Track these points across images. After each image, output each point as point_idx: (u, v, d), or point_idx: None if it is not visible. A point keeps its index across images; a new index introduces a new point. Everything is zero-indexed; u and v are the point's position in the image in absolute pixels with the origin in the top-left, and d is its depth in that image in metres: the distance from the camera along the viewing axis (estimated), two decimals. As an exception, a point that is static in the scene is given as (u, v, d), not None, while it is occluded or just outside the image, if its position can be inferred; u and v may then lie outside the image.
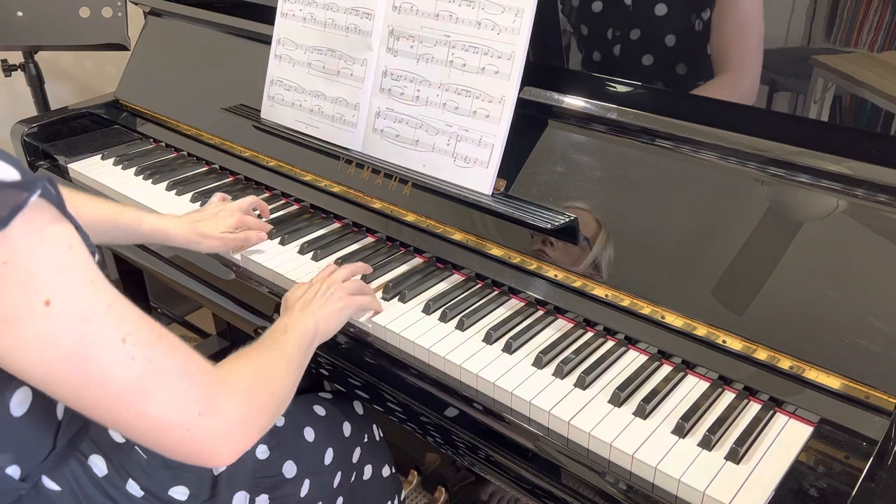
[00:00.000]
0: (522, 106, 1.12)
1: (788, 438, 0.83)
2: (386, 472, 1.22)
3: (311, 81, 1.36)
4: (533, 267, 1.09)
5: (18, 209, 0.58)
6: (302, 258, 1.21)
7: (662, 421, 0.86)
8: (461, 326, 1.03)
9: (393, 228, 1.25)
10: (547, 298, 1.06)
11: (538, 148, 1.14)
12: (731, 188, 0.98)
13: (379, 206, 1.26)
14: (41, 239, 0.60)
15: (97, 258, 0.67)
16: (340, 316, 1.01)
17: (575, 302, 1.05)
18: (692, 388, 0.92)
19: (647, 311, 0.98)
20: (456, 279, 1.15)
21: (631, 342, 1.00)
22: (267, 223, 1.27)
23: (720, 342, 0.92)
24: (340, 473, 1.09)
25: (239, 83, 1.56)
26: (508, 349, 0.98)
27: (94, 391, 0.64)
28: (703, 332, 0.94)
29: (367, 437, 1.18)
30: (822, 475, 0.77)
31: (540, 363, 0.95)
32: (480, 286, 1.12)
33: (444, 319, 1.04)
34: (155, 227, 1.14)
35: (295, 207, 1.38)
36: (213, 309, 1.43)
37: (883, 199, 0.88)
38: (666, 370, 0.95)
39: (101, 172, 1.54)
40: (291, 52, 1.39)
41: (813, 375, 0.86)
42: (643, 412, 0.87)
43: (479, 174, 1.15)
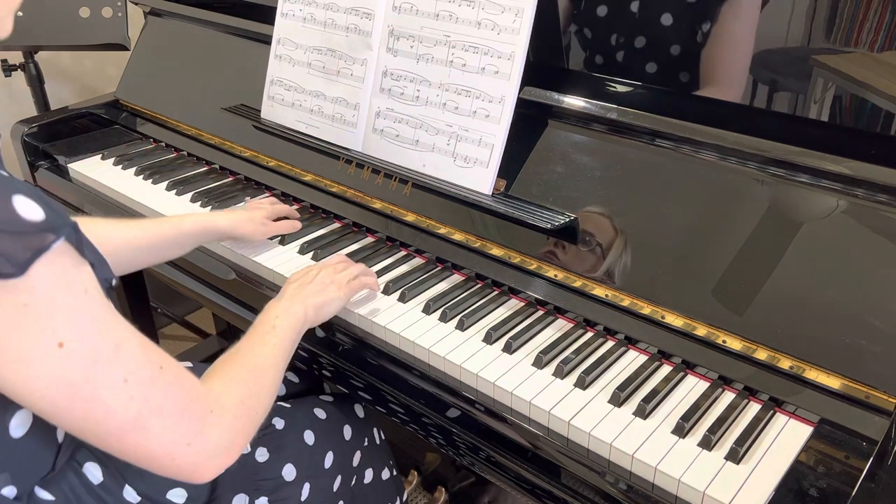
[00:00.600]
0: (522, 106, 1.12)
1: (788, 438, 0.83)
2: (386, 475, 1.22)
3: (311, 81, 1.36)
4: (533, 267, 1.09)
5: (41, 252, 0.59)
6: (302, 258, 1.21)
7: (662, 421, 0.86)
8: (461, 326, 1.03)
9: (393, 228, 1.25)
10: (547, 298, 1.06)
11: (538, 148, 1.14)
12: (731, 188, 0.98)
13: (379, 206, 1.26)
14: (61, 283, 0.62)
15: (115, 283, 0.70)
16: (333, 306, 1.03)
17: (575, 302, 1.05)
18: (692, 388, 0.92)
19: (647, 311, 0.98)
20: (456, 279, 1.15)
21: (631, 342, 1.00)
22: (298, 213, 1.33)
23: (720, 342, 0.92)
24: (340, 477, 1.09)
25: (239, 83, 1.56)
26: (508, 349, 0.98)
27: (92, 425, 0.67)
28: (703, 332, 0.94)
29: (367, 440, 1.18)
30: (822, 475, 0.77)
31: (540, 363, 0.95)
32: (480, 286, 1.12)
33: (444, 319, 1.04)
34: (198, 221, 1.17)
35: (295, 207, 1.38)
36: (213, 309, 1.43)
37: (883, 199, 0.88)
38: (666, 370, 0.95)
39: (101, 172, 1.54)
40: (291, 52, 1.39)
41: (813, 375, 0.86)
42: (643, 412, 0.87)
43: (479, 174, 1.15)
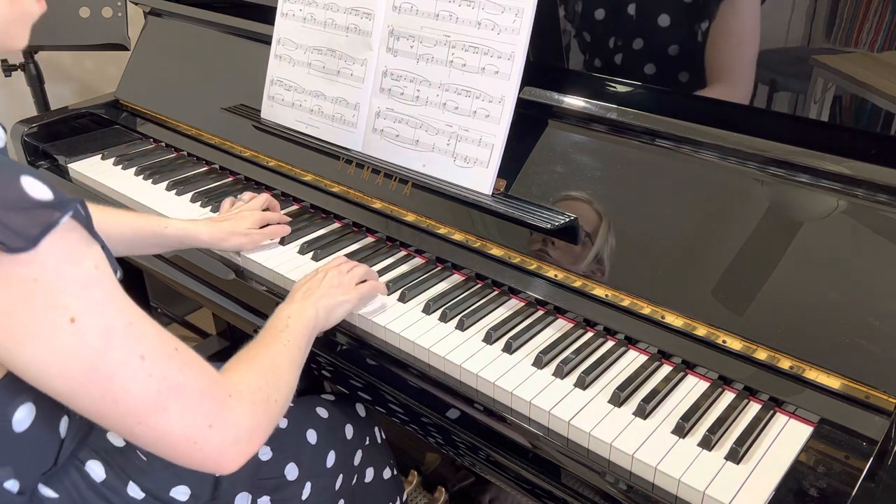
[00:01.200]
0: (522, 106, 1.12)
1: (788, 438, 0.83)
2: (387, 474, 1.22)
3: (311, 81, 1.36)
4: (533, 267, 1.09)
5: (50, 228, 0.59)
6: (302, 258, 1.21)
7: (662, 421, 0.86)
8: (461, 326, 1.03)
9: (393, 228, 1.25)
10: (547, 298, 1.06)
11: (538, 148, 1.14)
12: (731, 188, 0.98)
13: (379, 206, 1.26)
14: (70, 258, 0.62)
15: (119, 275, 0.69)
16: (343, 309, 1.02)
17: (575, 302, 1.05)
18: (692, 388, 0.92)
19: (647, 311, 0.98)
20: (456, 279, 1.15)
21: (631, 342, 1.00)
22: (286, 216, 1.30)
23: (720, 342, 0.92)
24: (342, 476, 1.09)
25: (239, 83, 1.56)
26: (508, 349, 0.98)
27: (111, 405, 0.66)
28: (703, 332, 0.94)
29: (368, 439, 1.18)
30: (822, 475, 0.77)
31: (540, 363, 0.95)
32: (480, 286, 1.12)
33: (444, 319, 1.04)
34: (181, 229, 1.16)
35: (295, 207, 1.38)
36: (213, 309, 1.43)
37: (883, 199, 0.88)
38: (666, 370, 0.95)
39: (101, 172, 1.54)
40: (291, 52, 1.39)
41: (813, 375, 0.86)
42: (643, 412, 0.87)
43: (479, 174, 1.15)
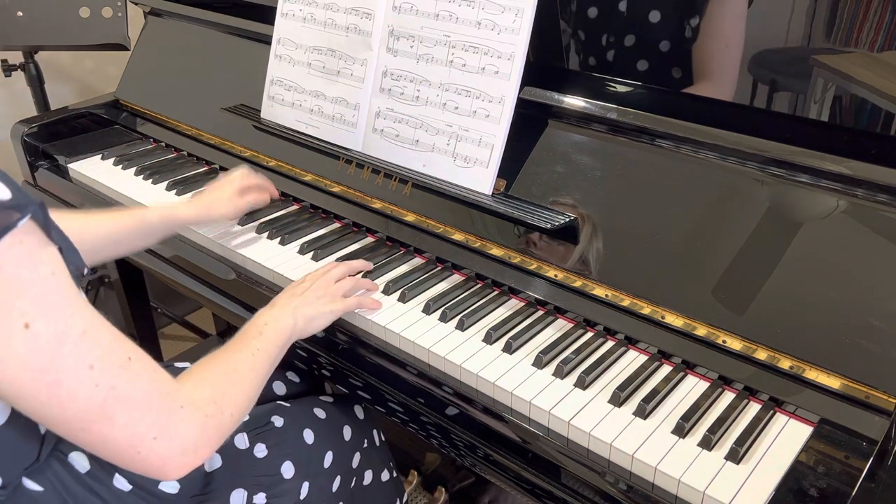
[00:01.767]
0: (522, 106, 1.12)
1: (788, 438, 0.83)
2: (385, 476, 1.22)
3: (311, 81, 1.36)
4: (533, 267, 1.09)
5: (7, 230, 0.59)
6: (302, 258, 1.21)
7: (662, 421, 0.86)
8: (461, 326, 1.03)
9: (393, 228, 1.25)
10: (547, 298, 1.06)
11: (538, 148, 1.14)
12: (731, 188, 0.98)
13: (379, 206, 1.26)
14: (28, 262, 0.61)
15: (87, 272, 0.69)
16: (322, 320, 1.02)
17: (575, 302, 1.05)
18: (692, 388, 0.92)
19: (647, 311, 0.98)
20: (456, 279, 1.15)
21: (631, 342, 1.00)
22: (269, 181, 1.31)
23: (720, 342, 0.92)
24: (340, 478, 1.09)
25: (239, 83, 1.56)
26: (508, 349, 0.98)
27: (57, 411, 0.66)
28: (703, 332, 0.94)
29: (366, 441, 1.18)
30: (822, 475, 0.77)
31: (540, 363, 0.95)
32: (480, 286, 1.12)
33: (444, 319, 1.04)
34: (162, 213, 1.15)
35: (295, 207, 1.38)
36: (213, 309, 1.43)
37: (883, 199, 0.88)
38: (666, 370, 0.95)
39: (101, 172, 1.54)
40: (291, 52, 1.39)
41: (813, 375, 0.86)
42: (643, 412, 0.87)
43: (479, 174, 1.15)
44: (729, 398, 0.89)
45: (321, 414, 1.12)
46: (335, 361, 1.11)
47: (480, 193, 1.14)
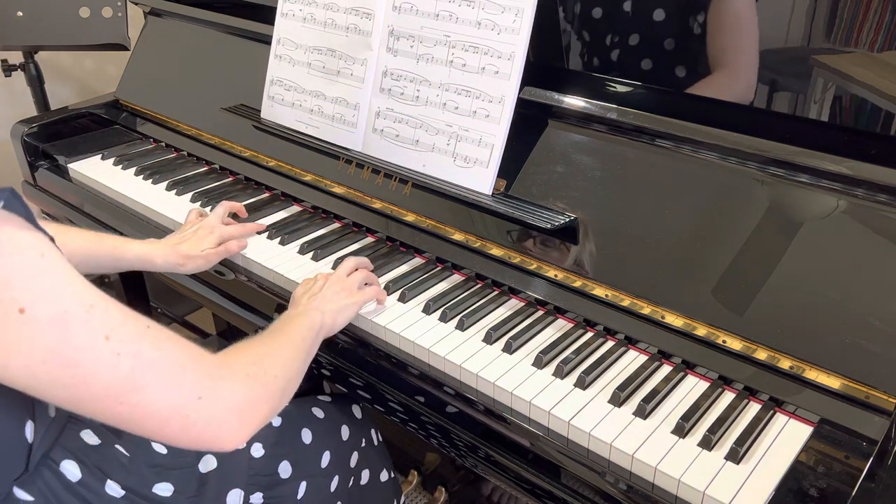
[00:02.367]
0: (522, 106, 1.12)
1: (788, 438, 0.83)
2: (384, 476, 1.21)
3: (311, 81, 1.36)
4: (533, 267, 1.09)
5: None
6: (302, 258, 1.21)
7: (662, 421, 0.86)
8: (461, 326, 1.03)
9: (393, 228, 1.25)
10: (547, 298, 1.06)
11: (538, 148, 1.14)
12: (731, 188, 0.98)
13: (379, 206, 1.26)
14: (10, 248, 0.60)
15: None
16: (348, 312, 1.03)
17: (575, 302, 1.05)
18: (692, 388, 0.92)
19: (647, 311, 0.98)
20: (456, 279, 1.15)
21: (631, 342, 1.00)
22: (253, 224, 1.27)
23: (720, 342, 0.92)
24: (338, 477, 1.09)
25: (239, 83, 1.56)
26: (508, 349, 0.98)
27: (82, 391, 0.64)
28: (703, 332, 0.94)
29: (364, 441, 1.18)
30: (822, 475, 0.77)
31: (540, 363, 0.95)
32: (480, 286, 1.12)
33: (444, 319, 1.04)
34: (139, 254, 1.13)
35: (295, 207, 1.38)
36: (213, 309, 1.43)
37: (883, 199, 0.88)
38: (666, 370, 0.95)
39: (101, 172, 1.54)
40: (291, 52, 1.39)
41: (813, 375, 0.86)
42: (643, 412, 0.87)
43: (479, 174, 1.15)
44: (729, 398, 0.89)
45: (319, 414, 1.12)
46: (335, 361, 1.11)
47: (480, 193, 1.14)
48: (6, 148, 1.71)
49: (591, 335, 1.01)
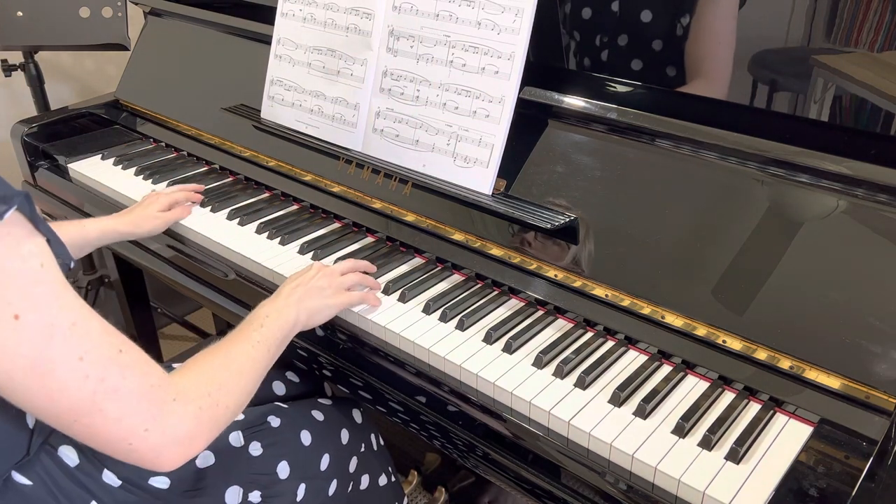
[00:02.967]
0: (522, 106, 1.12)
1: (788, 438, 0.83)
2: (383, 480, 1.21)
3: (311, 81, 1.36)
4: (533, 267, 1.09)
5: None
6: (302, 258, 1.21)
7: (662, 421, 0.86)
8: (461, 326, 1.03)
9: (393, 228, 1.25)
10: (547, 298, 1.06)
11: (538, 148, 1.14)
12: (731, 188, 0.98)
13: (379, 206, 1.26)
14: (16, 254, 0.62)
15: (73, 264, 0.69)
16: (328, 311, 1.03)
17: (575, 302, 1.05)
18: (692, 388, 0.92)
19: (647, 311, 0.98)
20: (456, 279, 1.15)
21: (631, 342, 1.00)
22: (194, 185, 1.41)
23: (720, 342, 0.92)
24: (336, 481, 1.09)
25: (239, 83, 1.56)
26: (508, 349, 0.98)
27: (48, 403, 0.66)
28: (703, 332, 0.94)
29: (364, 445, 1.17)
30: (822, 475, 0.77)
31: (540, 363, 0.95)
32: (480, 286, 1.12)
33: (444, 319, 1.04)
34: (102, 229, 1.21)
35: (295, 207, 1.38)
36: (213, 309, 1.43)
37: (883, 199, 0.88)
38: (666, 370, 0.95)
39: (101, 172, 1.54)
40: (291, 52, 1.39)
41: (813, 375, 0.86)
42: (643, 412, 0.87)
43: (479, 174, 1.15)
44: (729, 398, 0.89)
45: (319, 416, 1.12)
46: (335, 361, 1.11)
47: (480, 193, 1.14)
48: (6, 148, 1.71)
49: (591, 335, 1.01)
